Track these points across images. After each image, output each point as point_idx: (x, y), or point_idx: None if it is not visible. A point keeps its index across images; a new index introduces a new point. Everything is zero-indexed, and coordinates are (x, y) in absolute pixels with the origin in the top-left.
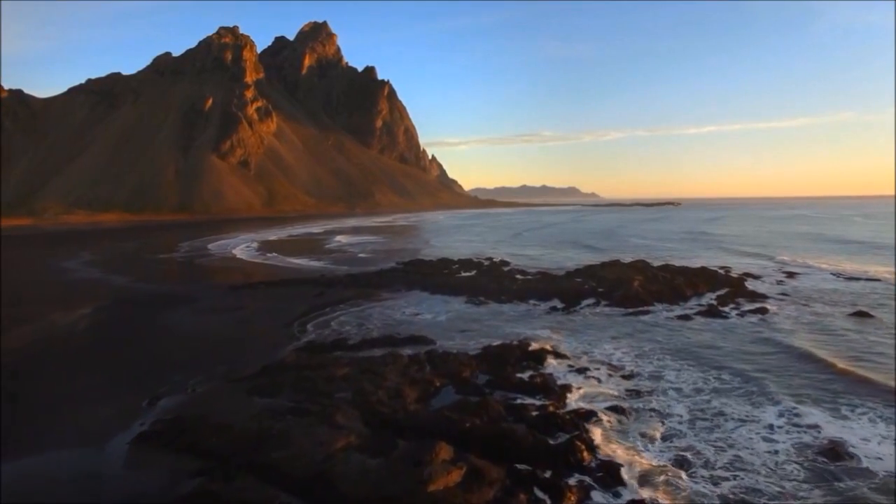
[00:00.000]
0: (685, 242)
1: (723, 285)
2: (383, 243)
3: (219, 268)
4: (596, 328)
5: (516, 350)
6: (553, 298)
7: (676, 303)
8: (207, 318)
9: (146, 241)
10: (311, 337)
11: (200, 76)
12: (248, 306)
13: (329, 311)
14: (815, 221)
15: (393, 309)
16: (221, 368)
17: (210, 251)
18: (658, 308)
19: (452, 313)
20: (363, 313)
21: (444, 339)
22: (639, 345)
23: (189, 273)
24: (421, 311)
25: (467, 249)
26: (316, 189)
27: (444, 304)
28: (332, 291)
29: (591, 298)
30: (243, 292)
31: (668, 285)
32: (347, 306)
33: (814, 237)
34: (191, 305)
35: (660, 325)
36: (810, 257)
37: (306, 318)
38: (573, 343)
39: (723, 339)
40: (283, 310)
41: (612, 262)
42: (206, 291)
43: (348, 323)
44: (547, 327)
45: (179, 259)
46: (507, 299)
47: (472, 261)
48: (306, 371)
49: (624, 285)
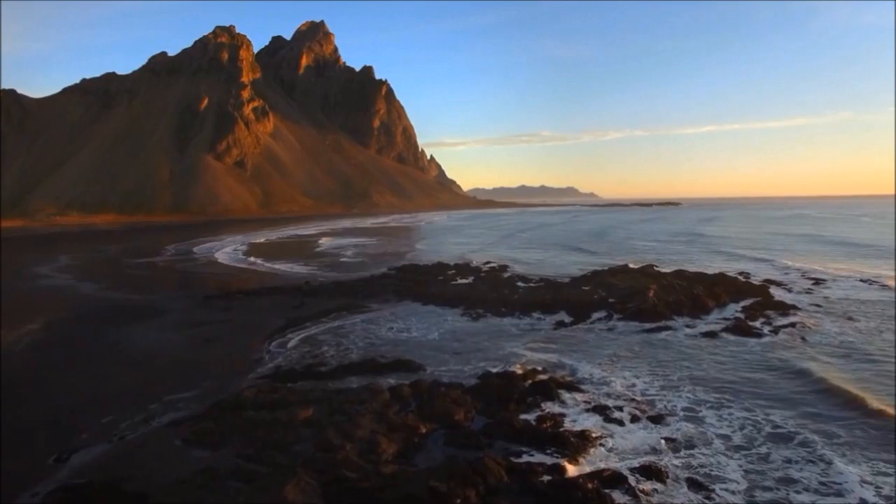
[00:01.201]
0: (680, 244)
1: (745, 294)
2: (376, 246)
3: (198, 274)
4: (611, 349)
5: (520, 379)
6: (559, 311)
7: (698, 316)
8: (169, 335)
9: (133, 243)
10: (280, 361)
11: (196, 76)
12: (218, 320)
13: (307, 327)
14: (822, 223)
15: (379, 324)
16: (164, 405)
17: (195, 255)
18: (678, 323)
19: (446, 330)
20: (345, 329)
21: (434, 363)
22: (664, 371)
23: (165, 280)
24: (410, 326)
25: (454, 252)
26: (313, 190)
27: (436, 318)
28: (314, 302)
29: (601, 311)
30: (217, 303)
31: (686, 295)
32: (329, 320)
33: (825, 240)
34: (156, 319)
35: (684, 346)
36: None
37: (280, 335)
38: (586, 368)
39: (762, 365)
40: (255, 325)
41: (620, 268)
42: (178, 301)
43: (326, 342)
44: (554, 348)
45: (160, 264)
46: (508, 312)
47: (469, 266)
48: (264, 411)
49: (638, 295)
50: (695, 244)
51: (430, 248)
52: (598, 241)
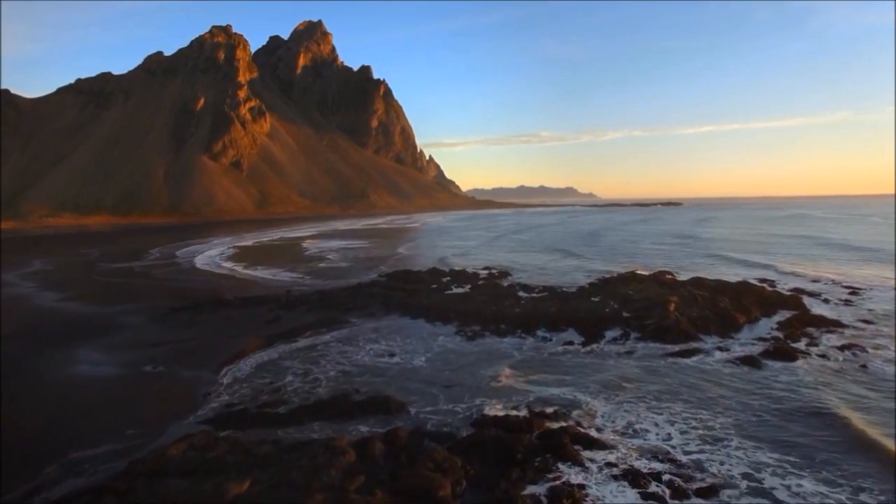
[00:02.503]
0: (675, 247)
1: (775, 306)
2: (369, 249)
3: (171, 282)
4: (633, 381)
5: (524, 428)
6: (567, 327)
7: (728, 334)
8: (113, 358)
9: (118, 246)
10: (232, 396)
11: (192, 76)
12: (175, 339)
13: (276, 347)
14: (831, 224)
15: (358, 344)
16: (64, 468)
17: (177, 259)
18: (707, 344)
19: (436, 353)
20: (317, 352)
21: (419, 400)
22: (703, 415)
23: (133, 288)
24: (394, 348)
25: (441, 254)
26: (310, 190)
27: (426, 337)
28: (290, 316)
29: (616, 328)
30: (182, 317)
31: (711, 309)
32: (302, 339)
33: (841, 245)
34: (106, 337)
35: (721, 377)
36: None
37: (241, 359)
38: (606, 409)
39: (823, 406)
40: (215, 346)
41: (631, 275)
42: (138, 315)
43: (292, 370)
44: (565, 379)
45: (137, 269)
46: (509, 329)
47: (465, 272)
48: (189, 480)
49: (657, 309)
50: (689, 246)
51: (420, 251)
52: (590, 243)
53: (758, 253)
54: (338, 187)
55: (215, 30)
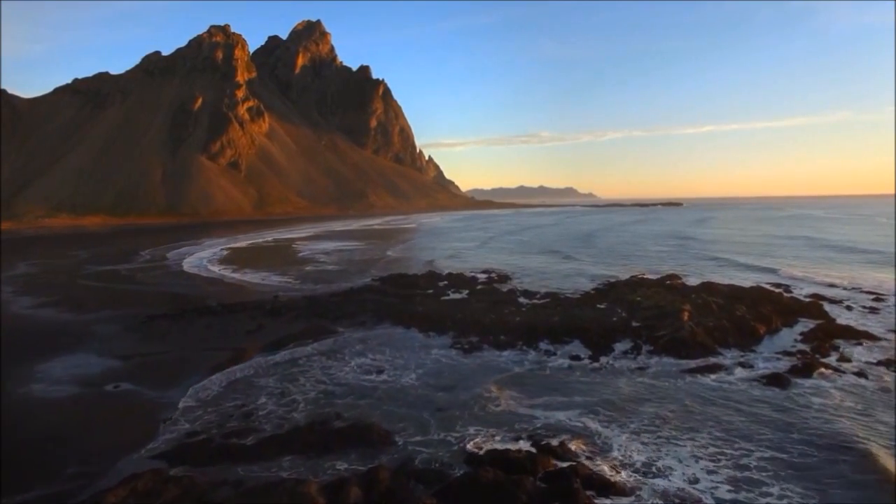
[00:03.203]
0: (674, 248)
1: (796, 314)
2: (364, 250)
3: (157, 286)
4: (649, 403)
5: (527, 467)
6: (572, 339)
7: (749, 347)
8: (75, 375)
9: (111, 247)
10: (194, 424)
11: (190, 76)
12: (146, 352)
13: (254, 360)
14: (836, 225)
15: (344, 359)
16: None
17: (166, 262)
18: (727, 358)
19: (428, 369)
20: (298, 367)
21: (407, 428)
22: (734, 452)
23: (114, 294)
24: (383, 363)
25: (430, 256)
26: (308, 190)
27: (418, 350)
28: (274, 324)
29: (625, 340)
30: (159, 325)
31: (728, 318)
32: (284, 351)
33: (850, 248)
34: (75, 349)
35: (747, 400)
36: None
37: (213, 376)
38: (621, 440)
39: (872, 437)
40: (187, 360)
41: (638, 280)
42: (113, 323)
43: (268, 389)
44: (573, 401)
45: (124, 272)
46: (509, 340)
47: (463, 276)
48: None
49: (669, 319)
50: (687, 248)
51: (414, 253)
52: (587, 244)
53: (763, 256)
54: (336, 188)
55: (213, 29)
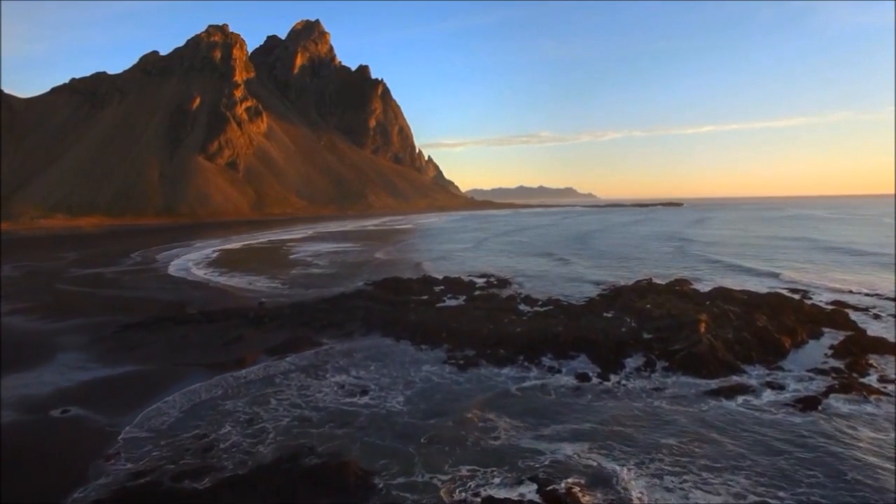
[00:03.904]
0: (667, 251)
1: (820, 324)
2: (359, 253)
3: (138, 290)
4: (671, 435)
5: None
6: (579, 353)
7: (775, 363)
8: (23, 396)
9: (101, 249)
10: (139, 463)
11: (188, 75)
12: (110, 368)
13: (224, 376)
14: (841, 226)
15: (325, 376)
16: None
17: (154, 264)
18: (753, 377)
19: (418, 389)
20: (273, 387)
21: (390, 466)
22: (776, 501)
23: (92, 299)
24: (368, 382)
25: (431, 258)
26: (307, 191)
27: (408, 366)
28: (254, 335)
29: (637, 354)
30: (132, 336)
31: (748, 329)
32: (260, 366)
33: (859, 251)
34: (32, 364)
35: (784, 430)
36: None
37: (177, 396)
38: (641, 485)
39: None
40: (152, 378)
41: (646, 285)
42: (84, 333)
43: (233, 415)
44: (583, 430)
45: (108, 276)
46: (509, 355)
47: (460, 280)
48: None
49: (684, 330)
50: (685, 254)
51: (408, 256)
52: (582, 245)
53: (769, 259)
54: (335, 188)
55: (212, 29)
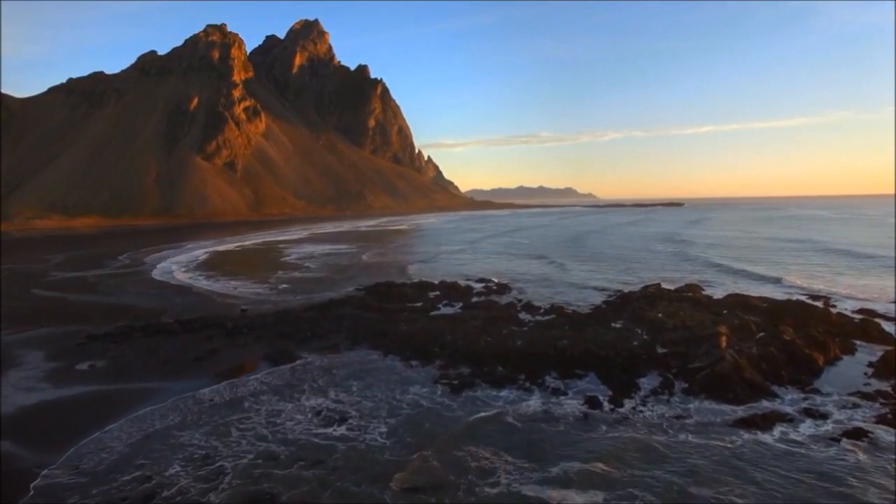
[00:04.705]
0: (663, 254)
1: (851, 336)
2: (353, 254)
3: (117, 296)
4: (701, 481)
5: None
6: (586, 371)
7: (809, 384)
8: None
9: (91, 250)
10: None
11: (186, 75)
12: (60, 388)
13: (185, 398)
14: (848, 227)
15: (301, 400)
16: None
17: (141, 267)
18: (787, 402)
19: (404, 417)
20: (240, 412)
21: None
22: None
23: (65, 307)
24: (349, 406)
25: (425, 259)
26: (305, 191)
27: (395, 386)
28: (230, 348)
29: (652, 373)
30: (96, 348)
31: (775, 343)
32: (226, 390)
33: (870, 255)
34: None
35: (838, 471)
36: None
37: (124, 422)
38: None
39: None
40: (103, 401)
41: (656, 291)
42: (44, 345)
43: (189, 450)
44: (595, 479)
45: (90, 279)
46: (508, 373)
47: (457, 285)
48: None
49: (703, 345)
50: (685, 259)
51: (404, 258)
52: (573, 247)
53: (779, 264)
54: (334, 188)
55: (210, 28)
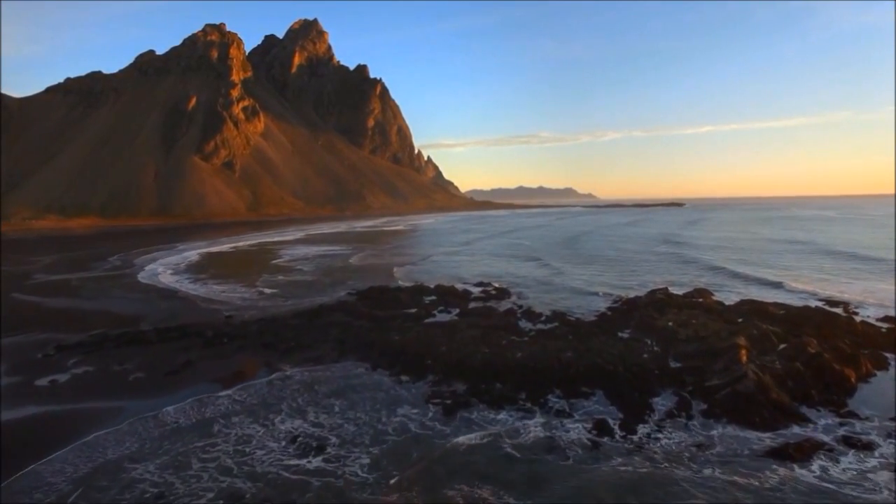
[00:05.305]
0: (663, 255)
1: (881, 349)
2: (348, 256)
3: (98, 300)
4: None
5: None
6: (594, 390)
7: (843, 406)
8: None
9: (83, 251)
10: None
11: (185, 75)
12: (13, 409)
13: (146, 420)
14: (854, 227)
15: (275, 423)
16: None
17: (130, 269)
18: (820, 428)
19: (390, 445)
20: (206, 438)
21: None
22: None
23: (40, 312)
24: (328, 431)
25: (409, 261)
26: (304, 191)
27: (382, 406)
28: (207, 360)
29: (667, 392)
30: (64, 360)
31: (800, 357)
32: (194, 409)
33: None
34: None
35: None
36: None
37: (72, 454)
38: None
39: None
40: (60, 424)
41: (664, 297)
42: (13, 356)
43: (140, 488)
44: None
45: (74, 283)
46: (507, 391)
47: (454, 290)
48: None
49: (722, 359)
50: (682, 261)
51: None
52: (569, 248)
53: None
54: (333, 188)
55: (209, 28)
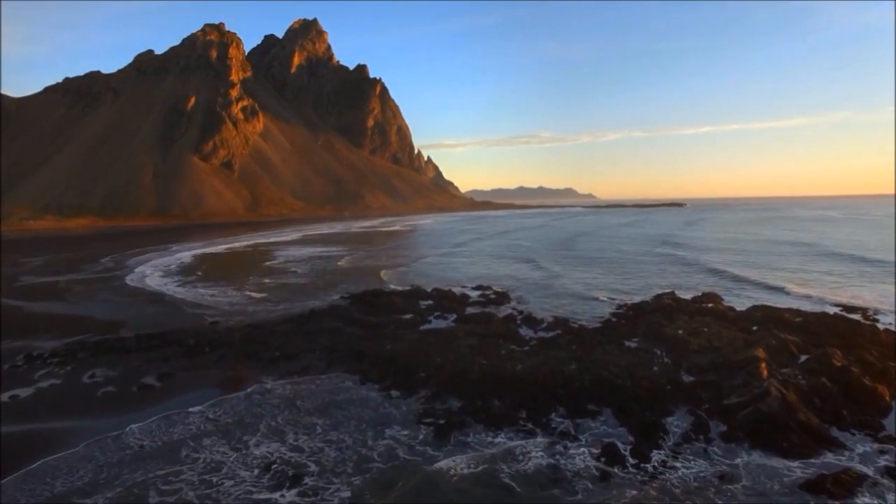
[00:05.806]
0: (662, 256)
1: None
2: (344, 257)
3: (81, 304)
4: None
5: None
6: (601, 408)
7: (881, 429)
8: None
9: (76, 252)
10: None
11: (184, 74)
12: None
13: (106, 442)
14: (857, 227)
15: (250, 446)
16: None
17: (120, 271)
18: (857, 455)
19: (374, 474)
20: (169, 466)
21: None
22: None
23: (20, 318)
24: (308, 456)
25: (403, 262)
26: (303, 191)
27: (368, 426)
28: (185, 372)
29: (681, 411)
30: (28, 374)
31: (825, 372)
32: (162, 429)
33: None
34: None
35: None
36: None
37: (11, 486)
38: None
39: None
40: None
41: (672, 301)
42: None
43: None
44: None
45: (61, 285)
46: (506, 409)
47: (452, 294)
48: None
49: (740, 373)
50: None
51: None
52: (569, 248)
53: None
54: (332, 188)
55: (208, 28)
